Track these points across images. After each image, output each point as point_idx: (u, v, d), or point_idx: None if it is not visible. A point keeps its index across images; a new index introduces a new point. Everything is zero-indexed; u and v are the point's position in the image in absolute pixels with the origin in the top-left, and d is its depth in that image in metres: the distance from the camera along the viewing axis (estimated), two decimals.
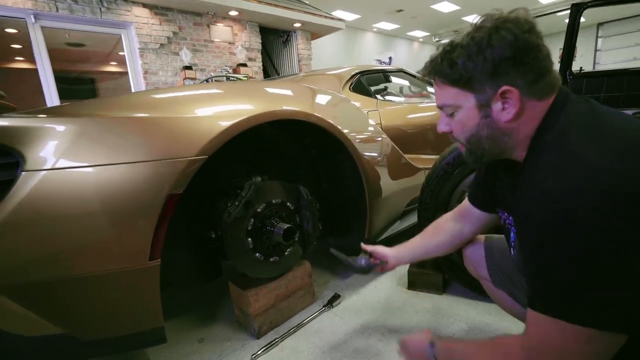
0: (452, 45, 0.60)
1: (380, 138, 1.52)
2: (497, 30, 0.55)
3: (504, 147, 0.62)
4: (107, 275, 0.81)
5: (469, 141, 0.64)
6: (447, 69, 0.60)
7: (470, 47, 0.57)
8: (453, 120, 0.65)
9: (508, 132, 0.60)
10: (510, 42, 0.54)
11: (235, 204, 1.09)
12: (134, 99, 0.99)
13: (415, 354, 0.79)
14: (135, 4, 4.31)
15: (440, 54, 0.62)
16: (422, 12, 9.95)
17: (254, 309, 1.21)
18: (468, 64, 0.57)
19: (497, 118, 0.59)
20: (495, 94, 0.57)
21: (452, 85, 0.61)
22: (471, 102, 0.60)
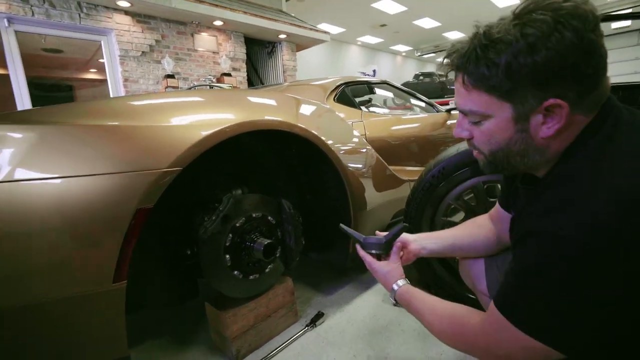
0: (490, 39, 0.46)
1: (365, 149, 1.49)
2: (558, 27, 0.43)
3: (532, 164, 0.54)
4: (64, 301, 0.72)
5: (494, 154, 0.55)
6: (483, 70, 0.48)
7: (519, 45, 0.44)
8: (477, 128, 0.55)
9: (542, 148, 0.51)
10: (573, 45, 0.43)
11: (212, 219, 1.03)
12: (104, 106, 0.92)
13: (382, 280, 0.81)
14: (117, 11, 4.22)
15: (474, 47, 0.48)
16: (404, 27, 10.27)
17: (232, 332, 1.13)
18: (513, 68, 0.45)
19: (534, 133, 0.50)
20: (539, 107, 0.47)
21: (486, 92, 0.50)
22: (507, 113, 0.50)
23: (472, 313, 0.61)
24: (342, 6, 8.23)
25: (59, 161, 0.74)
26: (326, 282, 1.65)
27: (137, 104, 0.94)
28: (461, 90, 0.54)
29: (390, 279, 0.78)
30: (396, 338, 1.22)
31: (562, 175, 0.50)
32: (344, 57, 11.52)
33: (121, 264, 0.76)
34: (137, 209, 0.76)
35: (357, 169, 1.40)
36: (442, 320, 0.64)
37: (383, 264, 0.81)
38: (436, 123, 2.18)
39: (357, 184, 1.38)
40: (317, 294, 1.55)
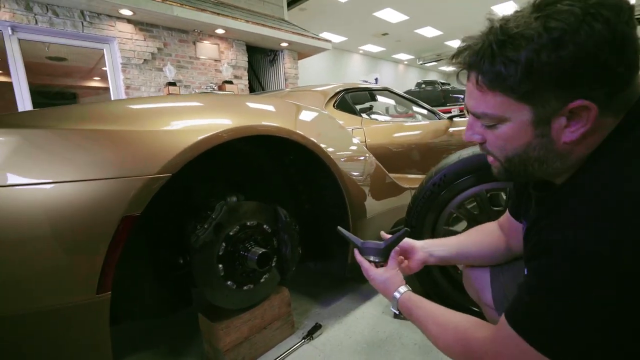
0: (508, 34, 0.41)
1: (364, 157, 1.46)
2: (587, 18, 0.37)
3: (552, 172, 0.49)
4: (45, 313, 0.69)
5: (510, 160, 0.50)
6: (499, 69, 0.42)
7: (542, 41, 0.39)
8: (491, 132, 0.49)
9: (564, 154, 0.46)
10: (605, 39, 0.38)
11: (204, 227, 0.99)
12: (93, 110, 0.90)
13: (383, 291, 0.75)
14: (120, 19, 4.26)
15: (489, 43, 0.43)
16: (406, 36, 10.35)
17: (225, 344, 1.09)
18: (534, 66, 0.40)
19: (555, 138, 0.45)
20: (563, 109, 0.42)
21: (503, 93, 0.44)
22: (525, 116, 0.45)
23: (480, 326, 0.57)
24: (343, 15, 8.32)
25: (40, 166, 0.71)
26: (324, 293, 1.60)
27: (128, 108, 0.92)
28: (474, 92, 0.48)
29: (391, 286, 0.73)
30: (396, 352, 1.17)
31: (585, 184, 0.45)
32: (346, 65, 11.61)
33: (106, 274, 0.72)
34: (124, 216, 0.72)
35: (356, 177, 1.37)
36: (447, 332, 0.60)
37: (381, 271, 0.76)
38: (438, 130, 2.16)
39: (356, 192, 1.35)
40: (315, 305, 1.50)
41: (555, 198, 0.51)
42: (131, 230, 0.75)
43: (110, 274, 0.74)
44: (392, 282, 0.74)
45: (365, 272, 0.79)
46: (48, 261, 0.67)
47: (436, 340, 0.62)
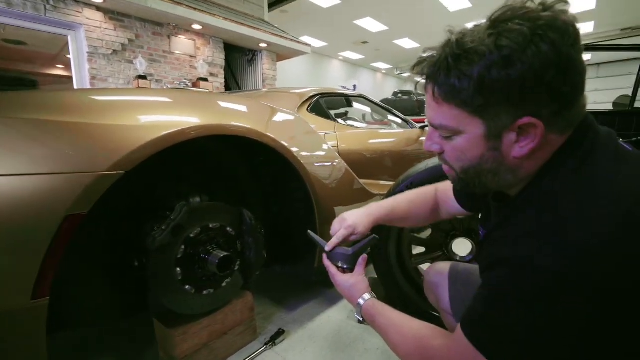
0: (463, 49, 0.43)
1: (334, 162, 1.46)
2: (535, 39, 0.39)
3: (504, 183, 0.51)
4: None
5: (465, 172, 0.52)
6: (454, 82, 0.44)
7: (493, 57, 0.41)
8: (448, 143, 0.51)
9: (515, 168, 0.48)
10: (550, 60, 0.39)
11: (162, 228, 0.94)
12: (39, 98, 0.83)
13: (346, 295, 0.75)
14: (88, 6, 4.03)
15: (446, 56, 0.44)
16: (385, 46, 10.59)
17: (182, 351, 1.04)
18: (486, 82, 0.42)
19: (506, 152, 0.46)
20: (512, 125, 0.44)
21: (456, 106, 0.46)
22: (478, 130, 0.46)
23: (438, 335, 0.57)
24: (325, 21, 8.38)
25: None
26: (290, 298, 1.58)
27: (84, 99, 0.86)
28: (431, 103, 0.50)
29: (356, 293, 0.73)
30: (359, 358, 1.16)
31: (534, 199, 0.47)
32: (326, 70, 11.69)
33: (43, 277, 0.66)
34: (67, 215, 0.67)
35: (325, 181, 1.36)
36: (407, 341, 0.60)
37: (347, 277, 0.76)
38: (410, 139, 2.21)
39: (325, 196, 1.34)
40: (280, 310, 1.48)
41: (508, 210, 0.53)
42: (75, 231, 0.70)
43: (49, 277, 0.68)
44: (357, 289, 0.74)
45: (332, 277, 0.79)
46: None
47: (396, 349, 0.62)
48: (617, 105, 2.69)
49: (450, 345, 0.53)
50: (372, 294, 0.73)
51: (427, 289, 0.94)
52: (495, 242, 0.51)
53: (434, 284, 0.90)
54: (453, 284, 0.86)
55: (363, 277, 0.76)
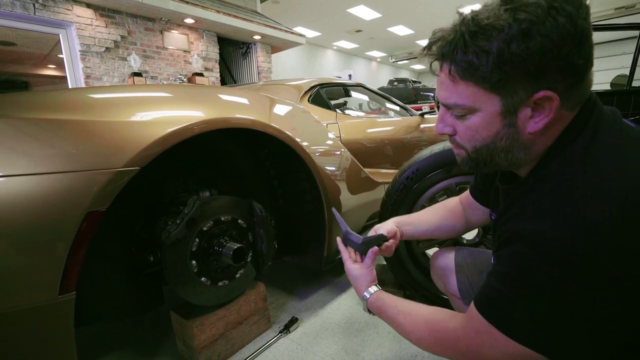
0: (480, 25, 0.43)
1: (340, 151, 1.47)
2: (552, 12, 0.40)
3: (516, 162, 0.51)
4: (2, 316, 0.63)
5: (478, 151, 0.51)
6: (472, 59, 0.44)
7: (512, 31, 0.41)
8: (461, 123, 0.51)
9: (528, 145, 0.48)
10: (567, 32, 0.40)
11: (176, 223, 0.96)
12: (53, 97, 0.83)
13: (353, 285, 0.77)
14: (78, 3, 3.96)
15: (462, 34, 0.44)
16: (379, 33, 10.48)
17: (199, 342, 1.07)
18: (505, 56, 0.41)
19: (521, 128, 0.47)
20: (529, 99, 0.44)
21: (474, 83, 0.46)
22: (495, 107, 0.46)
23: (451, 316, 0.59)
24: (317, 10, 8.27)
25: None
26: (300, 287, 1.61)
27: (92, 97, 0.86)
28: (446, 82, 0.49)
29: (361, 285, 0.74)
30: (371, 341, 1.20)
31: (547, 176, 0.48)
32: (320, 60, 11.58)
33: (69, 273, 0.68)
34: (88, 212, 0.68)
35: (332, 171, 1.38)
36: (419, 326, 0.61)
37: (356, 267, 0.77)
38: (410, 126, 2.22)
39: (332, 187, 1.36)
40: (291, 299, 1.51)
41: (520, 190, 0.53)
42: (97, 227, 0.71)
43: (74, 273, 0.69)
44: (363, 281, 0.75)
45: (344, 262, 0.80)
46: (3, 261, 0.62)
47: (408, 335, 0.63)
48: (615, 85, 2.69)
49: (465, 325, 0.53)
50: (377, 286, 0.74)
51: (434, 274, 0.96)
52: (508, 220, 0.52)
53: (441, 269, 0.91)
54: (460, 268, 0.88)
55: (371, 270, 0.77)
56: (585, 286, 0.41)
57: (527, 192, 0.50)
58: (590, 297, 0.42)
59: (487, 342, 0.49)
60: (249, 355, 1.14)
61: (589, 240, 0.40)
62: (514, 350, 0.46)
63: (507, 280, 0.49)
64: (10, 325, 0.65)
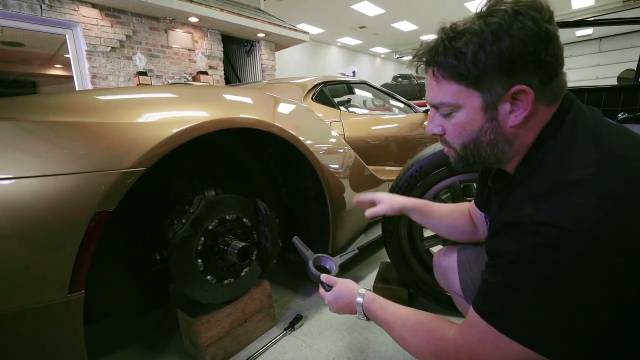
0: (456, 31, 0.49)
1: (343, 149, 1.48)
2: (518, 15, 0.45)
3: (502, 156, 0.55)
4: (13, 315, 0.65)
5: (466, 147, 0.55)
6: (451, 61, 0.49)
7: (484, 35, 0.46)
8: (449, 121, 0.55)
9: (511, 138, 0.52)
10: (533, 32, 0.45)
11: (182, 222, 0.97)
12: (61, 100, 0.85)
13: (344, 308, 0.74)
14: (83, 3, 3.99)
15: (442, 40, 0.50)
16: (383, 29, 10.41)
17: (206, 339, 1.08)
18: (480, 56, 0.47)
19: (503, 122, 0.51)
20: (506, 94, 0.49)
21: (455, 81, 0.51)
22: (476, 102, 0.51)
23: (449, 324, 0.58)
24: (321, 7, 8.23)
25: (8, 160, 0.66)
26: (305, 284, 1.62)
27: (99, 99, 0.87)
28: (432, 83, 0.55)
29: (349, 295, 0.72)
30: (375, 339, 1.20)
31: (531, 169, 0.51)
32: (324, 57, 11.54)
33: (78, 272, 0.69)
34: (96, 212, 0.69)
35: (336, 170, 1.38)
36: (418, 333, 0.59)
37: (333, 290, 0.76)
38: (414, 123, 2.21)
39: (336, 185, 1.36)
40: (296, 297, 1.52)
41: (510, 186, 0.55)
42: (104, 227, 0.73)
43: (84, 272, 0.71)
44: (348, 292, 0.73)
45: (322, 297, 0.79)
46: (14, 261, 0.64)
47: (405, 343, 0.62)
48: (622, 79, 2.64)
49: (464, 332, 0.53)
50: (365, 289, 0.73)
51: (437, 273, 0.96)
52: (499, 212, 0.53)
53: (444, 267, 0.91)
54: (462, 266, 0.88)
55: (346, 281, 0.77)
56: (578, 267, 0.42)
57: (516, 185, 0.53)
58: (583, 278, 0.42)
59: (488, 347, 0.48)
60: (255, 352, 1.16)
61: (576, 221, 0.41)
62: (516, 354, 0.46)
63: (499, 270, 0.49)
64: (21, 324, 0.66)
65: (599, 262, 0.41)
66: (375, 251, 1.98)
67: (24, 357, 0.69)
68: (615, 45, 11.57)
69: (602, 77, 11.32)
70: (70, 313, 0.71)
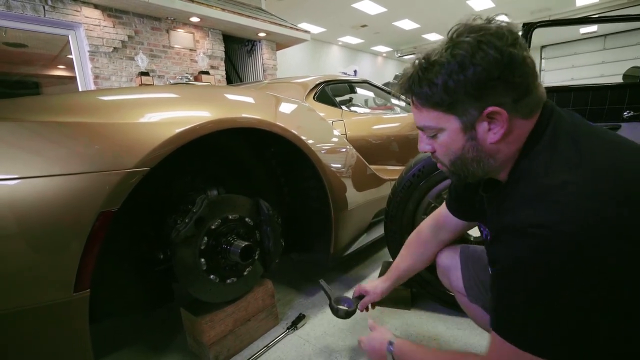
0: (429, 62, 0.53)
1: (345, 149, 1.48)
2: (480, 45, 0.49)
3: (489, 169, 0.58)
4: (19, 314, 0.66)
5: (453, 163, 0.60)
6: (426, 90, 0.54)
7: (451, 65, 0.51)
8: (435, 141, 0.60)
9: (493, 153, 0.56)
10: (495, 59, 0.49)
11: (185, 221, 0.97)
12: (64, 101, 0.86)
13: (373, 353, 0.84)
14: (86, 4, 4.01)
15: (417, 71, 0.55)
16: (385, 28, 10.37)
17: (209, 338, 1.09)
18: (449, 85, 0.51)
19: (482, 139, 0.55)
20: (481, 115, 0.52)
21: (433, 108, 0.55)
22: (455, 125, 0.55)
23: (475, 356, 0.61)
24: (322, 6, 8.21)
25: (13, 161, 0.67)
26: (307, 284, 1.62)
27: (102, 99, 0.88)
28: (414, 110, 0.60)
29: (378, 345, 0.82)
30: None
31: (521, 175, 0.54)
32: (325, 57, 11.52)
33: (83, 272, 0.70)
34: (100, 212, 0.70)
35: (338, 169, 1.38)
36: None
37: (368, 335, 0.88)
38: None
39: (338, 184, 1.36)
40: (298, 296, 1.52)
41: (502, 194, 0.58)
42: (109, 226, 0.73)
43: (88, 271, 0.71)
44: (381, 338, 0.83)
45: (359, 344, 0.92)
46: (20, 260, 0.64)
47: None
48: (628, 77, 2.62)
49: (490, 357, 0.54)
50: (395, 336, 0.81)
51: (440, 272, 0.97)
52: (494, 221, 0.56)
53: (447, 267, 0.93)
54: (465, 265, 0.89)
55: (382, 328, 0.88)
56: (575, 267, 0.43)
57: (508, 193, 0.56)
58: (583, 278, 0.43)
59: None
60: (258, 351, 1.16)
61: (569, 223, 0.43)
62: None
63: (502, 275, 0.50)
64: (28, 323, 0.67)
65: (590, 264, 0.42)
66: (378, 250, 1.98)
67: (30, 355, 0.70)
68: (620, 42, 11.47)
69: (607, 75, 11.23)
70: (76, 312, 0.72)
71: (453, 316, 1.26)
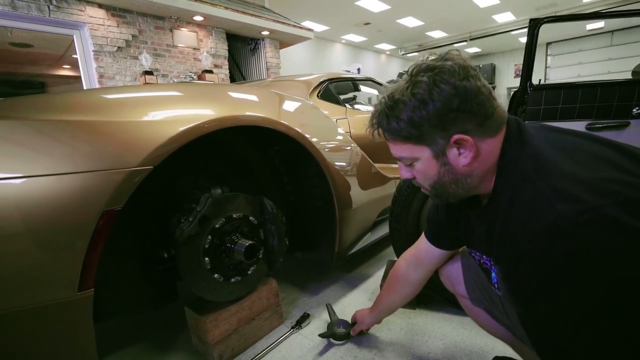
0: (393, 100, 0.58)
1: (350, 147, 1.46)
2: (435, 84, 0.54)
3: (469, 187, 0.61)
4: (24, 313, 0.66)
5: (433, 187, 0.63)
6: (394, 126, 0.58)
7: (412, 103, 0.55)
8: (414, 169, 0.64)
9: (469, 173, 0.59)
10: (450, 94, 0.53)
11: (189, 220, 0.97)
12: (68, 99, 0.85)
13: None
14: (90, 3, 4.02)
15: (384, 109, 0.59)
16: (388, 26, 10.31)
17: (213, 337, 1.08)
18: (414, 119, 0.56)
19: (455, 164, 0.58)
20: (449, 143, 0.56)
21: (403, 142, 0.60)
22: (427, 153, 0.59)
23: None
24: (325, 4, 8.18)
25: (17, 159, 0.67)
26: (311, 283, 1.62)
27: (105, 98, 0.88)
28: (388, 143, 0.64)
29: None
30: (383, 337, 1.20)
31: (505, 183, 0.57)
32: (329, 55, 11.48)
33: (87, 271, 0.70)
34: (104, 211, 0.70)
35: (342, 167, 1.37)
36: None
37: None
38: None
39: (342, 182, 1.35)
40: (303, 295, 1.52)
41: (490, 207, 0.60)
42: (112, 225, 0.73)
43: (93, 270, 0.71)
44: None
45: None
46: (24, 260, 0.64)
47: None
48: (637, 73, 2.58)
49: None
50: None
51: (442, 275, 0.96)
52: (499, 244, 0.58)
53: (449, 271, 0.93)
54: (467, 268, 0.89)
55: None
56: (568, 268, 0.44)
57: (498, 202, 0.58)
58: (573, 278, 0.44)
59: None
60: (262, 350, 1.16)
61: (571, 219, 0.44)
62: None
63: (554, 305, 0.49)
64: (32, 322, 0.67)
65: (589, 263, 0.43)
66: (383, 249, 1.97)
67: (35, 355, 0.70)
68: (627, 38, 11.28)
69: (614, 72, 11.08)
70: (80, 311, 0.71)
71: (458, 316, 1.25)
